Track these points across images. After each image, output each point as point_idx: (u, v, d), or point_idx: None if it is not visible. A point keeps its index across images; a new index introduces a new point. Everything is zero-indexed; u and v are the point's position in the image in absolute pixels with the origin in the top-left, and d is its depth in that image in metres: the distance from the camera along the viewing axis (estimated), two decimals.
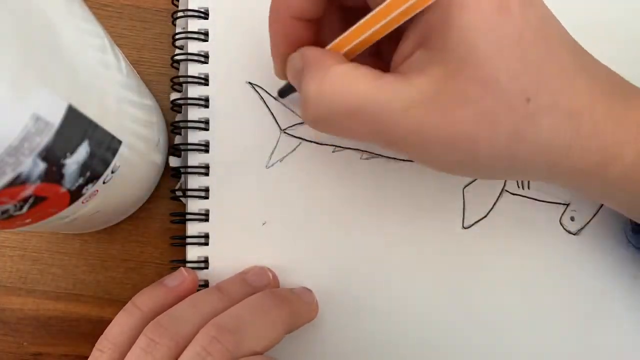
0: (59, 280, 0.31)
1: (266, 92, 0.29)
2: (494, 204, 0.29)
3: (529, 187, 0.29)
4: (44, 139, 0.17)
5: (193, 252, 0.29)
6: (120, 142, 0.22)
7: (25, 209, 0.19)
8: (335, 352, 0.28)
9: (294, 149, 0.29)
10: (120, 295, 0.31)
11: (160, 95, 0.31)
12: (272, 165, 0.29)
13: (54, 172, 0.19)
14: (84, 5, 0.21)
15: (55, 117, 0.17)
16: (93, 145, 0.20)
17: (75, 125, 0.19)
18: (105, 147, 0.21)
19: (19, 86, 0.16)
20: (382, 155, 0.29)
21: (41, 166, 0.18)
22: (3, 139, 0.16)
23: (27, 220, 0.21)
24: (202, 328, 0.23)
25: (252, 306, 0.25)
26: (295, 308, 0.26)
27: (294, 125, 0.29)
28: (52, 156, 0.18)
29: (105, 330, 0.25)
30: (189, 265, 0.29)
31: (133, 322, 0.24)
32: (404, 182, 0.29)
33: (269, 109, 0.29)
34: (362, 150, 0.29)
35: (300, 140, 0.29)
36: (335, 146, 0.29)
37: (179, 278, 0.27)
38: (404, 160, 0.29)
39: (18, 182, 0.18)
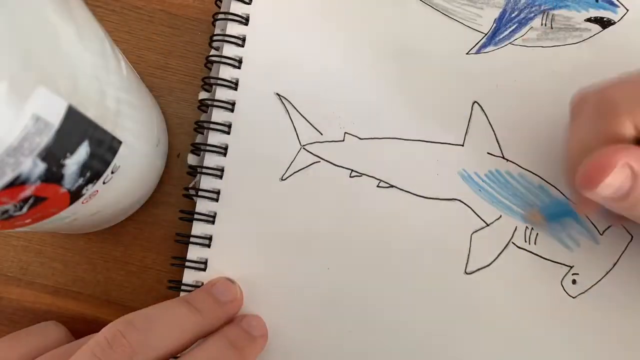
0: (59, 276, 0.31)
1: (292, 105, 0.29)
2: (499, 254, 0.29)
3: (535, 243, 0.29)
4: (44, 139, 0.17)
5: (194, 253, 0.29)
6: (120, 143, 0.22)
7: (25, 209, 0.19)
8: None
9: (309, 166, 0.29)
10: (118, 298, 0.30)
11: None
12: (287, 178, 0.29)
13: (54, 173, 0.19)
14: (84, 6, 0.21)
15: (55, 117, 0.17)
16: (93, 145, 0.20)
17: (75, 125, 0.19)
18: (105, 147, 0.21)
19: (19, 86, 0.16)
20: (397, 187, 0.29)
21: (41, 166, 0.18)
22: (3, 139, 0.16)
23: (27, 221, 0.21)
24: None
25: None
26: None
27: (314, 143, 0.29)
28: (52, 156, 0.18)
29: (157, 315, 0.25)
30: (188, 264, 0.29)
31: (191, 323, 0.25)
32: (414, 217, 0.29)
33: (292, 123, 0.30)
34: (379, 179, 0.29)
35: (317, 159, 0.29)
36: (352, 170, 0.29)
37: (230, 295, 0.27)
38: (421, 196, 0.29)
39: (18, 182, 0.18)
